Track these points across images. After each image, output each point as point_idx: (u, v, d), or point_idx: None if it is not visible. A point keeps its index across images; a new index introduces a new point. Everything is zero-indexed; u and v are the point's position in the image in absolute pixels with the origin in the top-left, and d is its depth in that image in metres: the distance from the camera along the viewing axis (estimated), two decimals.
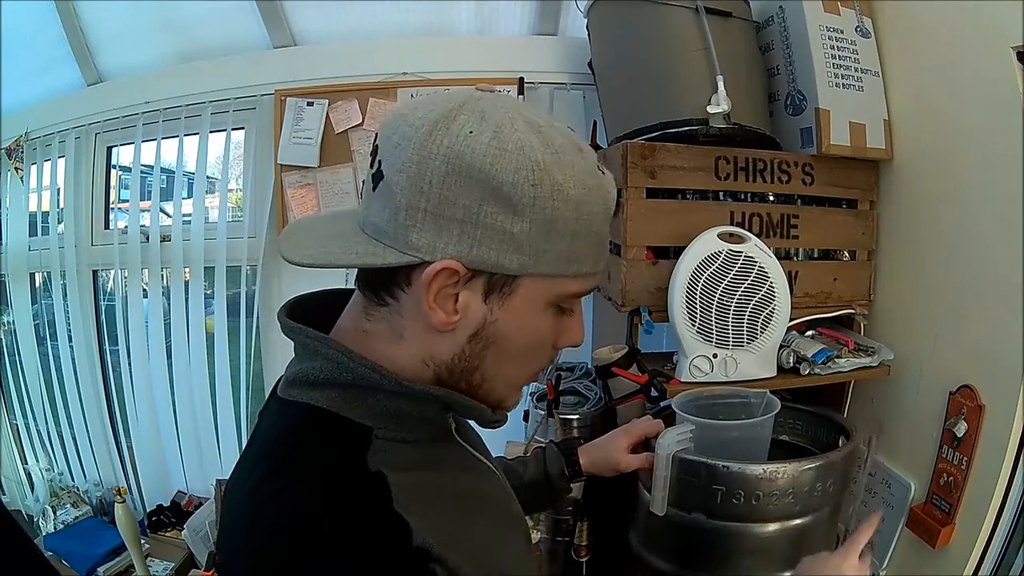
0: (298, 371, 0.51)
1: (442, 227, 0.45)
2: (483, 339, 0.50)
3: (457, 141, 0.44)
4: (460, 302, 0.48)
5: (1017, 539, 1.05)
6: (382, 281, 0.49)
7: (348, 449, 0.48)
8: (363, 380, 0.49)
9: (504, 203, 0.45)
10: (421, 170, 0.45)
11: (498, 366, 0.52)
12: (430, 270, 0.46)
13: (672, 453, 0.88)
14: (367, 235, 0.49)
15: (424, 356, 0.50)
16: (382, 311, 0.51)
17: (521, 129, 0.45)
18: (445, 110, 0.46)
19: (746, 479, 0.90)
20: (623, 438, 0.91)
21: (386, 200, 0.47)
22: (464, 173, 0.44)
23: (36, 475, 2.20)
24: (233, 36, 1.85)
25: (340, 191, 1.74)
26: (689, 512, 0.93)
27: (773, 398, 0.99)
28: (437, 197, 0.45)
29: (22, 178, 2.12)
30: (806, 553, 0.72)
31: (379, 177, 0.48)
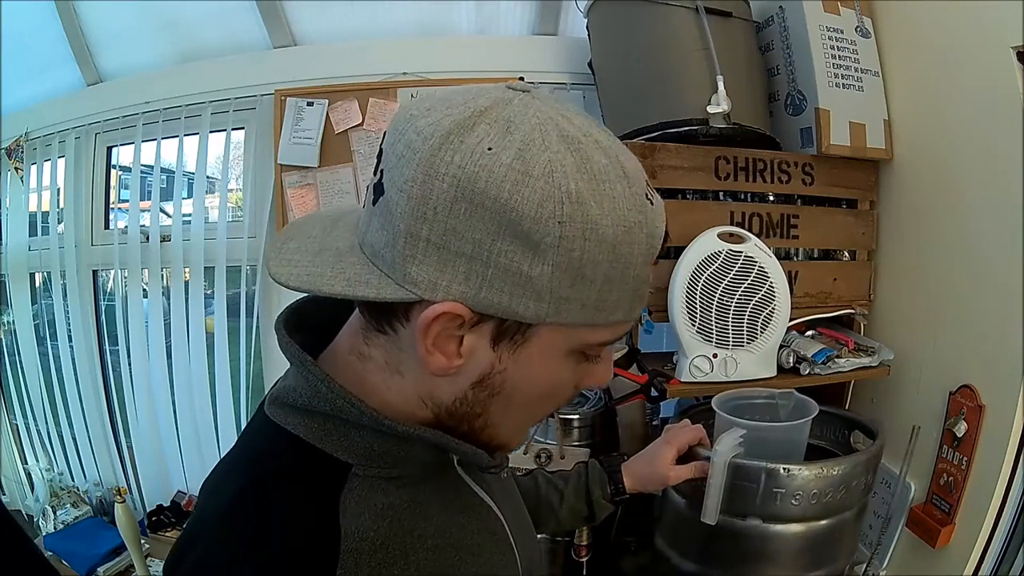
0: (281, 389, 0.46)
1: (446, 262, 0.38)
2: (488, 387, 0.43)
3: (471, 160, 0.36)
4: (465, 346, 0.41)
5: (1017, 539, 1.05)
6: (380, 309, 0.43)
7: (317, 491, 0.42)
8: (341, 413, 0.43)
9: (523, 241, 0.37)
10: (425, 192, 0.37)
11: (504, 414, 0.46)
12: (428, 313, 0.39)
13: (729, 460, 0.86)
14: (364, 256, 0.41)
15: (422, 395, 0.44)
16: (380, 339, 0.44)
17: (553, 146, 0.37)
18: (462, 117, 0.38)
19: (806, 480, 0.89)
20: (668, 450, 0.86)
21: (385, 220, 0.39)
22: (476, 201, 0.36)
23: (36, 475, 2.20)
24: (233, 36, 1.85)
25: (340, 191, 1.74)
26: (743, 517, 0.91)
27: (804, 398, 0.98)
28: (443, 227, 0.37)
29: (22, 178, 2.12)
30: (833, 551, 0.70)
31: (380, 191, 0.40)
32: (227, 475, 0.48)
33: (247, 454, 0.49)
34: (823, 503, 0.91)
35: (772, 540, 0.92)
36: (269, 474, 0.44)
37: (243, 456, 0.49)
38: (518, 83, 0.41)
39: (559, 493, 0.85)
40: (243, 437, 0.52)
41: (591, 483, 0.86)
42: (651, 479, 0.86)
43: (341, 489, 0.43)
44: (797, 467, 0.89)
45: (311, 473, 0.43)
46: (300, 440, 0.44)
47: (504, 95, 0.40)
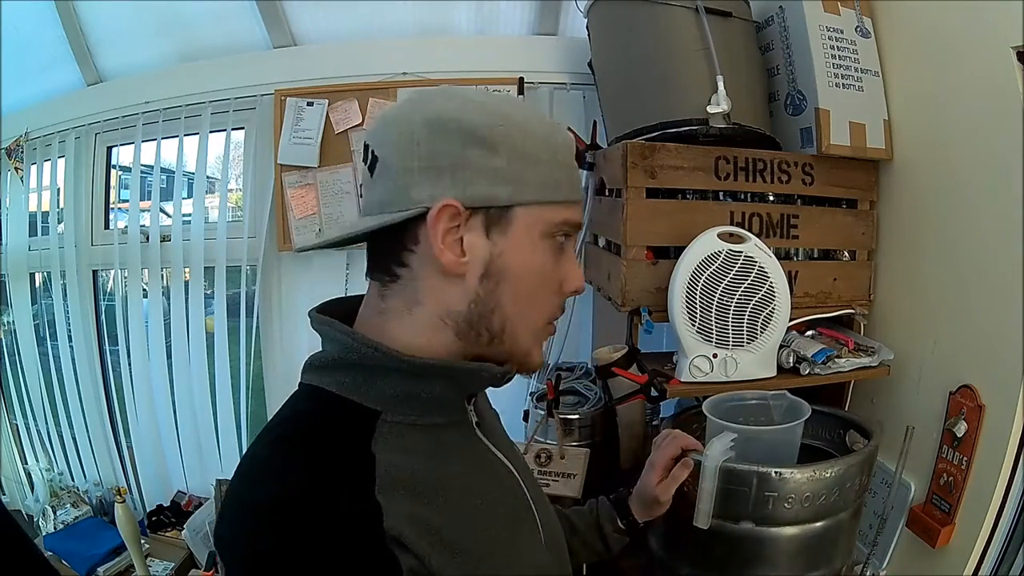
0: (312, 357, 0.55)
1: (435, 178, 0.51)
2: (494, 275, 0.53)
3: (432, 106, 0.52)
4: (466, 243, 0.52)
5: (1017, 539, 1.05)
6: (391, 251, 0.54)
7: (351, 433, 0.50)
8: (368, 360, 0.51)
9: (482, 144, 0.50)
10: (407, 136, 0.51)
11: (512, 304, 0.54)
12: (433, 210, 0.50)
13: (720, 464, 0.86)
14: (371, 215, 0.53)
15: (441, 313, 0.53)
16: (395, 286, 0.54)
17: (481, 96, 0.53)
18: (419, 95, 0.54)
19: (799, 483, 0.89)
20: (653, 474, 0.88)
21: (384, 176, 0.52)
22: (444, 127, 0.50)
23: (36, 475, 2.20)
24: (233, 36, 1.85)
25: (340, 191, 1.74)
26: (736, 522, 0.91)
27: (797, 400, 0.98)
28: (426, 152, 0.50)
29: (22, 178, 2.12)
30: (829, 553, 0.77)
31: (374, 162, 0.53)
32: (264, 434, 0.53)
33: (280, 416, 0.55)
34: (817, 505, 0.90)
35: (766, 543, 0.92)
36: (306, 421, 0.52)
37: (277, 418, 0.55)
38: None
39: (571, 525, 0.87)
40: (276, 414, 0.57)
41: (602, 518, 0.88)
42: (650, 506, 0.88)
43: (372, 433, 0.50)
44: (789, 470, 0.88)
45: (343, 419, 0.51)
46: (331, 393, 0.52)
47: (450, 86, 0.56)
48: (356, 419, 0.51)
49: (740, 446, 0.88)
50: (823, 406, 1.12)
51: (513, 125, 0.52)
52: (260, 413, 1.97)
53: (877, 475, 1.24)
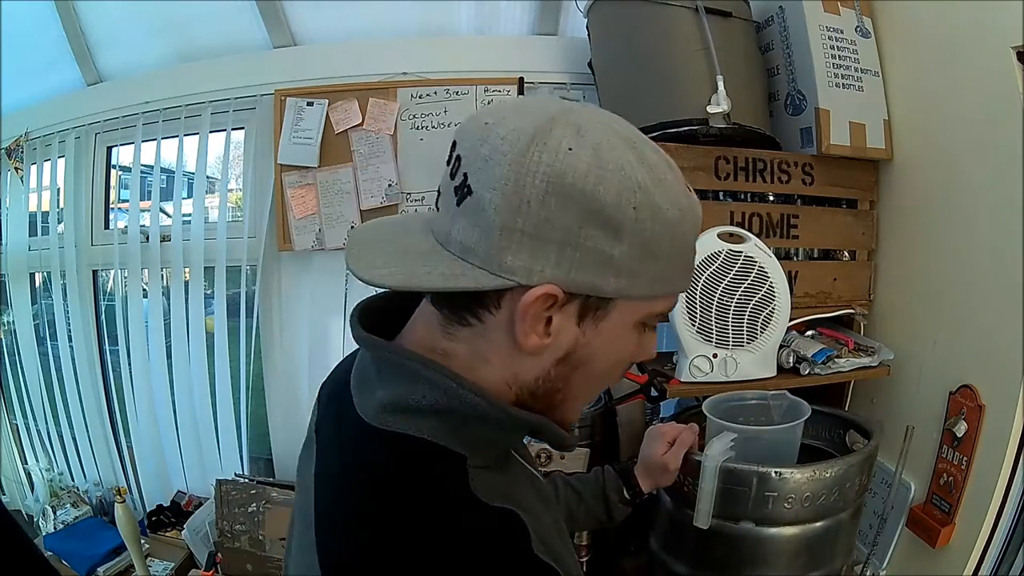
0: (394, 397, 0.48)
1: (539, 249, 0.43)
2: (571, 362, 0.48)
3: (556, 159, 0.42)
4: (553, 325, 0.45)
5: (1017, 539, 1.05)
6: (469, 301, 0.46)
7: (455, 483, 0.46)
8: (471, 408, 0.46)
9: (605, 226, 0.43)
10: (519, 189, 0.42)
11: (580, 386, 0.51)
12: (529, 296, 0.43)
13: (720, 464, 0.86)
14: (451, 253, 0.45)
15: (508, 378, 0.49)
16: (464, 331, 0.48)
17: (618, 146, 0.43)
18: (539, 122, 0.43)
19: (799, 483, 0.89)
20: (659, 443, 0.88)
21: (475, 218, 0.43)
22: (565, 193, 0.42)
23: (36, 475, 2.20)
24: (233, 36, 1.85)
25: (340, 191, 1.74)
26: (736, 522, 0.91)
27: (797, 400, 0.99)
28: (536, 218, 0.42)
29: (22, 178, 2.11)
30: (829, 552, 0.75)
31: (465, 192, 0.44)
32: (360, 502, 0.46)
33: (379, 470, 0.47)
34: (817, 505, 0.90)
35: (766, 543, 0.92)
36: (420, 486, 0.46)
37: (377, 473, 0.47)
38: (566, 95, 0.47)
39: (576, 494, 0.88)
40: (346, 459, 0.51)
41: (607, 487, 0.88)
42: (654, 473, 0.89)
43: (467, 477, 0.46)
44: (789, 470, 0.89)
45: (445, 468, 0.47)
46: (426, 442, 0.47)
47: (565, 105, 0.46)
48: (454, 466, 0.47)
49: (740, 446, 0.88)
50: (823, 406, 1.12)
51: (645, 208, 0.43)
52: (260, 413, 1.97)
53: (877, 475, 1.24)
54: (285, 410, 1.93)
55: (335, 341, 1.89)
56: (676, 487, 0.92)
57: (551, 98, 0.47)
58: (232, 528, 1.63)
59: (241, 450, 1.97)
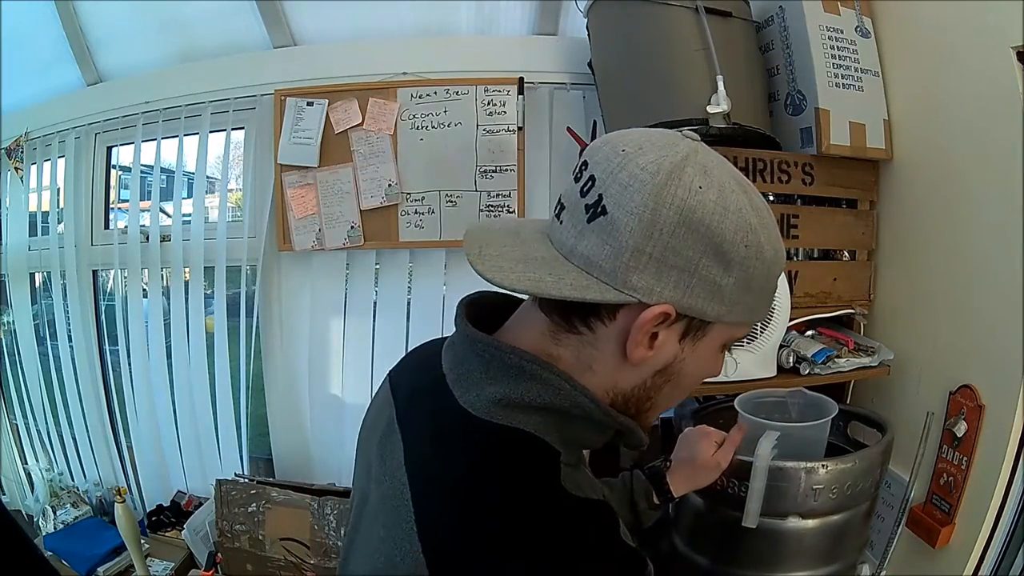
0: (507, 393, 0.51)
1: (662, 272, 0.47)
2: (667, 375, 0.53)
3: (690, 195, 0.46)
4: (658, 340, 0.50)
5: (1017, 539, 1.05)
6: (584, 311, 0.51)
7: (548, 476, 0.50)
8: (579, 409, 0.51)
9: (720, 259, 0.48)
10: (655, 217, 0.46)
11: (667, 397, 0.56)
12: (648, 313, 0.48)
13: (770, 462, 0.87)
14: (575, 265, 0.49)
15: (608, 387, 0.53)
16: (572, 339, 0.52)
17: (736, 190, 0.49)
18: (675, 159, 0.47)
19: (842, 474, 0.91)
20: (708, 444, 0.89)
21: (607, 237, 0.48)
22: (693, 227, 0.47)
23: (36, 475, 2.20)
24: (233, 36, 1.85)
25: (340, 191, 1.74)
26: (784, 518, 0.93)
27: (815, 396, 1.00)
28: (664, 245, 0.47)
29: (22, 178, 2.12)
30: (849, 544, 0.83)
31: (599, 211, 0.48)
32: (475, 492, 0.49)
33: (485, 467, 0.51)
34: (844, 496, 0.93)
35: (791, 536, 0.93)
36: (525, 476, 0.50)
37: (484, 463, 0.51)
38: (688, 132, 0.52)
39: None
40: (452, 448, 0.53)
41: (636, 493, 0.89)
42: (699, 476, 0.89)
43: (559, 473, 0.50)
44: (833, 462, 0.91)
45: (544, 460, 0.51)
46: (532, 436, 0.51)
47: (693, 145, 0.50)
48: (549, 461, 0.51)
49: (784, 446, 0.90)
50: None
51: (753, 247, 0.48)
52: (260, 413, 1.97)
53: None
54: (285, 410, 1.93)
55: (335, 341, 1.89)
56: (712, 486, 0.93)
57: (675, 134, 0.52)
58: (232, 528, 1.63)
59: (241, 450, 1.97)
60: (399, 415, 0.59)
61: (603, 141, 0.51)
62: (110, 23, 1.91)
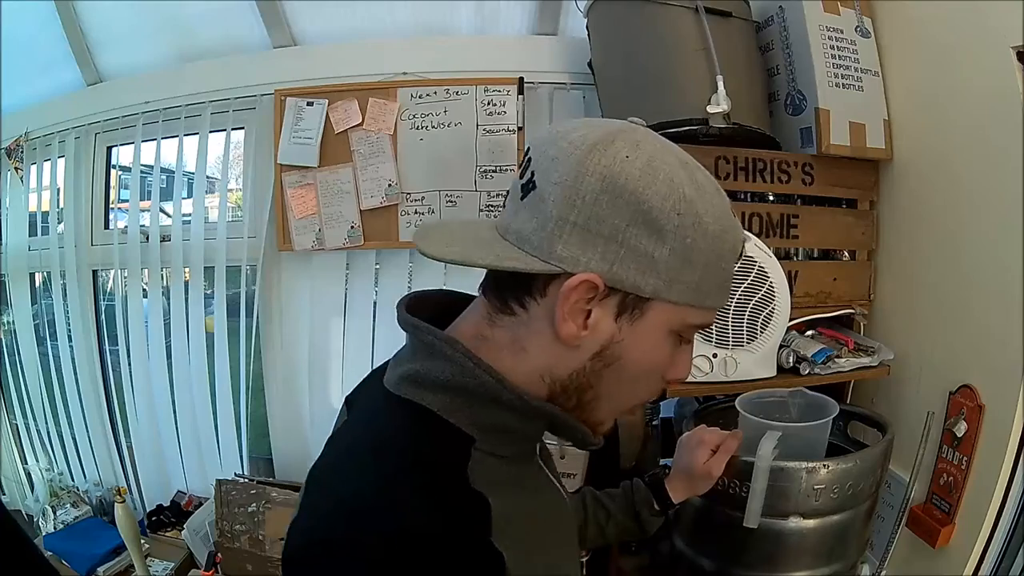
0: (417, 370, 0.51)
1: (588, 242, 0.46)
2: (605, 358, 0.50)
3: (614, 162, 0.46)
4: (592, 318, 0.48)
5: (1017, 539, 1.05)
6: (515, 288, 0.50)
7: (452, 459, 0.48)
8: (483, 388, 0.49)
9: (650, 227, 0.46)
10: (576, 184, 0.46)
11: (612, 387, 0.52)
12: (572, 280, 0.46)
13: (771, 463, 0.87)
14: (508, 242, 0.49)
15: (542, 371, 0.51)
16: (507, 320, 0.51)
17: (671, 162, 0.48)
18: (604, 133, 0.47)
19: (843, 474, 0.92)
20: (703, 451, 0.88)
21: (535, 210, 0.48)
22: (616, 193, 0.46)
23: (36, 475, 2.20)
24: (233, 36, 1.85)
25: (340, 191, 1.74)
26: (786, 518, 0.93)
27: (816, 395, 1.00)
28: (588, 212, 0.46)
29: (22, 178, 2.11)
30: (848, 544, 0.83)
31: (530, 188, 0.49)
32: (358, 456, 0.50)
33: (382, 430, 0.52)
34: (845, 496, 0.93)
35: (792, 536, 0.94)
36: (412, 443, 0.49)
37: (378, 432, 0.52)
38: (635, 119, 0.52)
39: (606, 511, 0.88)
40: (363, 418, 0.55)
41: (637, 503, 0.88)
42: (696, 483, 0.88)
43: (468, 459, 0.48)
44: (834, 462, 0.91)
45: (446, 442, 0.49)
46: (433, 413, 0.50)
47: (630, 125, 0.50)
48: (456, 444, 0.49)
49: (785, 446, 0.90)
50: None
51: (689, 216, 0.47)
52: (260, 413, 1.97)
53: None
54: (285, 410, 1.93)
55: (335, 341, 1.89)
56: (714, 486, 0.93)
57: (622, 122, 0.51)
58: (232, 528, 1.63)
59: (241, 450, 1.97)
60: (349, 406, 0.62)
61: (546, 129, 0.52)
62: (110, 23, 1.91)
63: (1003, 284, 1.02)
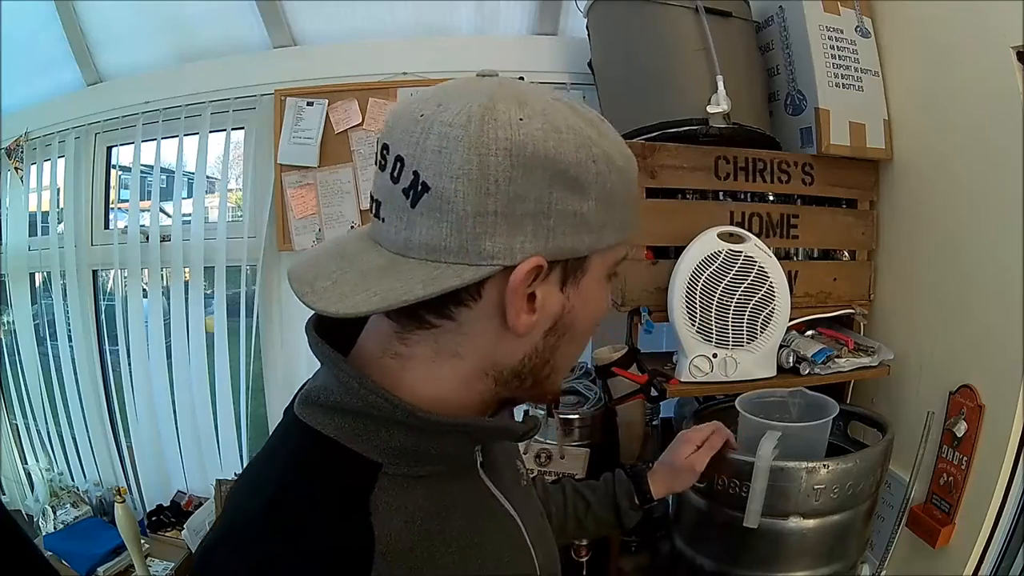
0: (311, 389, 0.48)
1: (515, 226, 0.42)
2: (559, 330, 0.47)
3: (511, 130, 0.40)
4: (538, 299, 0.44)
5: (1017, 539, 1.05)
6: (436, 304, 0.43)
7: (348, 492, 0.44)
8: (374, 410, 0.44)
9: (571, 186, 0.42)
10: (483, 170, 0.40)
11: (566, 353, 0.50)
12: (518, 274, 0.42)
13: (771, 463, 0.87)
14: (417, 259, 0.43)
15: (485, 368, 0.47)
16: (423, 334, 0.46)
17: (562, 109, 0.43)
18: (481, 101, 0.42)
19: (843, 474, 0.92)
20: (687, 447, 0.88)
21: (440, 214, 0.41)
22: (528, 164, 0.41)
23: (36, 475, 2.20)
24: (233, 36, 1.85)
25: (340, 191, 1.74)
26: (786, 518, 0.93)
27: (816, 395, 1.01)
28: (506, 196, 0.41)
29: (22, 178, 2.12)
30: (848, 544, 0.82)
31: (420, 189, 0.42)
32: (257, 479, 0.49)
33: (276, 457, 0.49)
34: (845, 496, 0.93)
35: (792, 536, 0.94)
36: (301, 476, 0.45)
37: (272, 459, 0.50)
38: (484, 71, 0.47)
39: (585, 502, 0.87)
40: (271, 440, 0.52)
41: (618, 494, 0.87)
42: (677, 477, 0.88)
43: (372, 489, 0.44)
44: (834, 462, 0.91)
45: (341, 473, 0.45)
46: (330, 440, 0.45)
47: (493, 80, 0.45)
48: (355, 473, 0.45)
49: (785, 446, 0.90)
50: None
51: (603, 160, 0.43)
52: (260, 413, 1.97)
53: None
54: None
55: None
56: (714, 486, 0.93)
57: (470, 78, 0.47)
58: None
59: (241, 450, 1.97)
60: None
61: (395, 116, 0.45)
62: (110, 23, 1.91)
63: (1003, 284, 1.02)
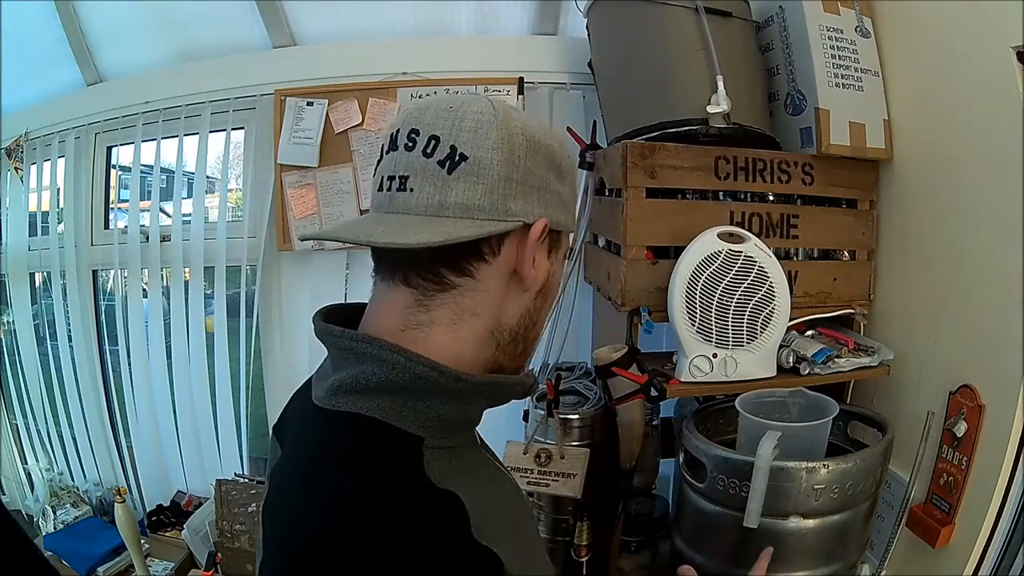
0: (344, 378, 0.49)
1: (528, 194, 0.52)
2: (544, 292, 0.57)
3: (524, 123, 0.53)
4: (537, 260, 0.54)
5: (1017, 539, 1.05)
6: (457, 260, 0.51)
7: (405, 464, 0.47)
8: (420, 381, 0.48)
9: (557, 171, 0.55)
10: (511, 146, 0.51)
11: (542, 317, 0.58)
12: (537, 226, 0.52)
13: (771, 463, 0.88)
14: (453, 217, 0.50)
15: (492, 328, 0.54)
16: (445, 296, 0.52)
17: (539, 120, 0.57)
18: (491, 104, 0.53)
19: (843, 474, 0.92)
20: None
21: (476, 178, 0.50)
22: (536, 148, 0.52)
23: (36, 475, 2.20)
24: (233, 36, 1.85)
25: (340, 191, 1.74)
26: (786, 517, 0.93)
27: (816, 395, 1.01)
28: (524, 169, 0.52)
29: (22, 178, 2.12)
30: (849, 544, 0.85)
31: (457, 159, 0.50)
32: (312, 480, 0.48)
33: (324, 455, 0.49)
34: (845, 496, 0.93)
35: (792, 536, 0.94)
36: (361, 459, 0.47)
37: (319, 458, 0.49)
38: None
39: None
40: (298, 445, 0.53)
41: None
42: None
43: (422, 460, 0.47)
44: (834, 462, 0.92)
45: (395, 450, 0.48)
46: (375, 420, 0.48)
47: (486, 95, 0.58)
48: (405, 448, 0.47)
49: (785, 446, 0.90)
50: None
51: (571, 157, 0.57)
52: (260, 413, 1.97)
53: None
54: None
55: None
56: (712, 486, 0.93)
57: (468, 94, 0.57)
58: (232, 528, 1.63)
59: (241, 450, 1.97)
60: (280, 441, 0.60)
61: (419, 110, 0.53)
62: (110, 23, 1.91)
63: (1003, 284, 1.02)
